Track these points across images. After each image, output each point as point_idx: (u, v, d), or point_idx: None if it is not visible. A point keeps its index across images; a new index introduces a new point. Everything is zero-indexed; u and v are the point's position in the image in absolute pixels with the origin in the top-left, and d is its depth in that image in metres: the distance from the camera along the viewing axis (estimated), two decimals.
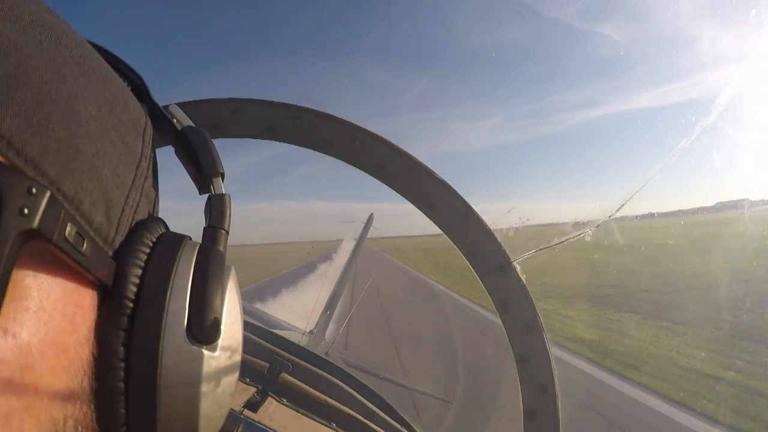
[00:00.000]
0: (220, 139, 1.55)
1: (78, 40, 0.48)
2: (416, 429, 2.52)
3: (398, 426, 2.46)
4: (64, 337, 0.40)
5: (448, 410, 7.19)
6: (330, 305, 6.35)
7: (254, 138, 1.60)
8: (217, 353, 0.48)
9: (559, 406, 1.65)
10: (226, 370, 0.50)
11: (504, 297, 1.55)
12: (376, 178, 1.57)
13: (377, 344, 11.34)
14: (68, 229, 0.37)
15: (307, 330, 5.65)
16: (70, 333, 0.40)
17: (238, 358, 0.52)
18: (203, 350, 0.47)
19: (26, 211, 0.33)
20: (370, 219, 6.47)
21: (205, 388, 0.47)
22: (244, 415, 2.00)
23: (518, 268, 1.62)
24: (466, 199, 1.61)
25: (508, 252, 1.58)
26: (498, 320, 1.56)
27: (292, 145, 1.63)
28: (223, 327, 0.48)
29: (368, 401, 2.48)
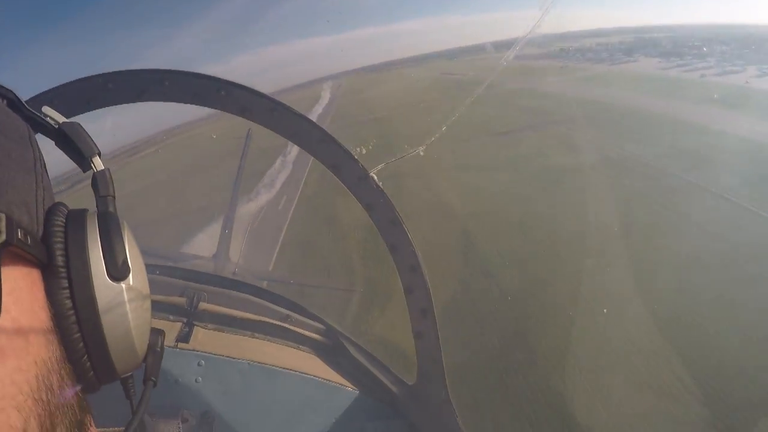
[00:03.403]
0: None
1: None
2: (326, 320, 3.01)
3: (311, 322, 2.94)
4: (33, 305, 0.58)
5: (352, 298, 7.99)
6: (226, 224, 6.51)
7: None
8: (132, 283, 0.67)
9: (428, 279, 2.25)
10: (142, 294, 0.69)
11: (369, 201, 2.10)
12: (243, 117, 2.01)
13: (283, 248, 11.66)
14: (18, 233, 0.55)
15: (211, 255, 5.86)
16: (34, 301, 0.58)
17: (146, 283, 0.72)
18: (122, 284, 0.66)
19: None
20: (249, 135, 6.51)
21: (130, 309, 0.67)
22: (179, 348, 2.36)
23: (375, 178, 2.14)
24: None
25: (365, 166, 2.11)
26: None
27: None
28: (130, 265, 0.68)
29: (281, 306, 2.91)
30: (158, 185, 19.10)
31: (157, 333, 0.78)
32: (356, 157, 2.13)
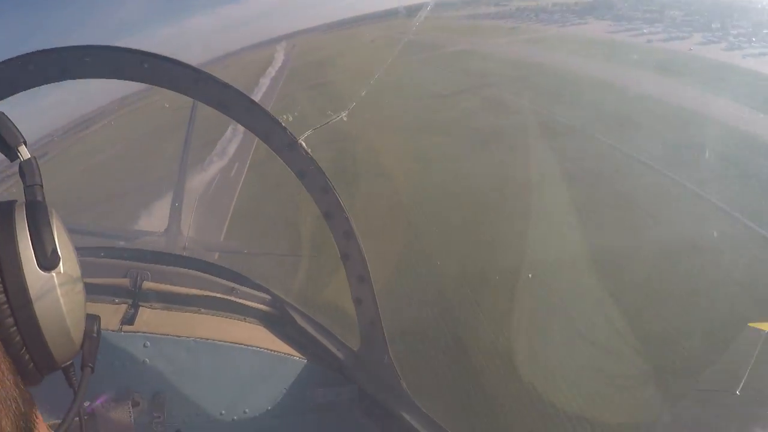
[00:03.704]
0: None
1: None
2: (271, 290, 3.06)
3: (256, 292, 2.99)
4: None
5: (298, 264, 8.06)
6: (176, 197, 6.40)
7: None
8: (63, 271, 0.70)
9: (362, 246, 2.32)
10: (74, 280, 0.71)
11: (300, 169, 2.15)
12: (168, 89, 2.03)
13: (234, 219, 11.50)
14: None
15: (163, 230, 5.77)
16: None
17: (77, 269, 0.73)
18: (52, 273, 0.68)
19: None
20: (195, 105, 6.36)
21: (62, 297, 0.69)
22: (123, 331, 2.37)
23: (304, 145, 2.19)
24: None
25: (294, 133, 2.16)
26: None
27: None
28: (60, 253, 0.70)
29: (226, 280, 2.94)
30: (112, 159, 18.42)
31: (92, 319, 0.80)
32: (284, 124, 2.17)
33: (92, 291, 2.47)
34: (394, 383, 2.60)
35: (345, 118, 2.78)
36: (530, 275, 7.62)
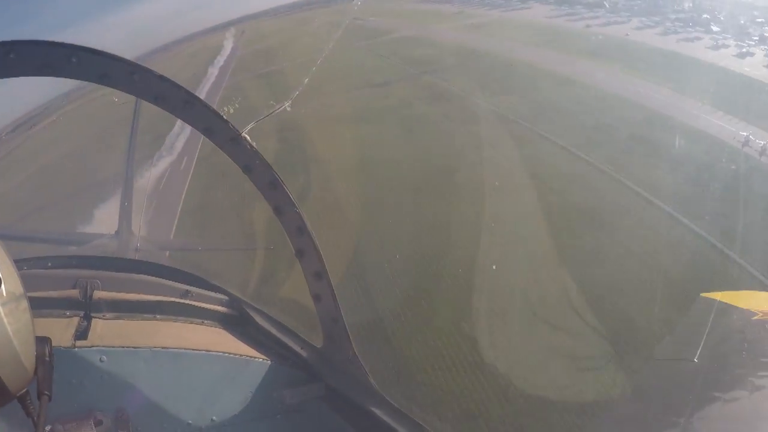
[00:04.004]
0: None
1: None
2: (228, 290, 2.97)
3: (213, 294, 2.88)
4: None
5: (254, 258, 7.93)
6: (125, 196, 6.19)
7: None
8: (5, 293, 0.69)
9: (317, 241, 2.27)
10: (18, 300, 0.70)
11: (246, 163, 2.08)
12: (101, 84, 1.92)
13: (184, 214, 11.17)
14: None
15: (113, 231, 5.57)
16: None
17: (21, 287, 0.72)
18: None
19: None
20: (138, 100, 6.15)
21: (8, 323, 0.68)
22: (77, 347, 2.22)
23: (248, 138, 2.11)
24: None
25: (237, 127, 2.08)
26: None
27: None
28: (0, 273, 0.68)
29: (180, 282, 2.82)
30: (60, 159, 17.73)
31: (43, 341, 0.75)
32: (226, 117, 2.08)
33: (41, 305, 2.31)
34: (361, 378, 2.58)
35: (289, 108, 2.70)
36: (493, 267, 7.79)
